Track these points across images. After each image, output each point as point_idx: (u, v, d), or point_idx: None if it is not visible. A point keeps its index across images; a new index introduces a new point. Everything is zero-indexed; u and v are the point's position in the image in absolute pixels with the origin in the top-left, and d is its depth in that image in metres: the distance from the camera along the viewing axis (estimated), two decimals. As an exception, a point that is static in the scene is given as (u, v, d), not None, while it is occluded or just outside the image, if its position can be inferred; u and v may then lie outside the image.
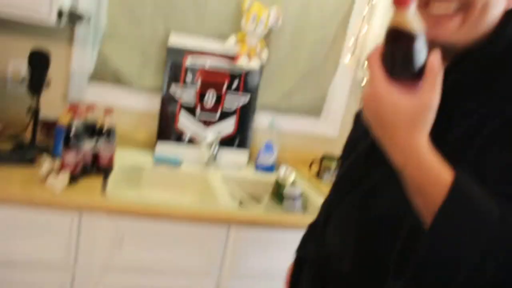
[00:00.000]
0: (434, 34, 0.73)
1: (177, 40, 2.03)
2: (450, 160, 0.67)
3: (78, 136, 1.58)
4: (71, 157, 1.56)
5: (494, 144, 0.69)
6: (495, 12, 0.75)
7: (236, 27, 2.09)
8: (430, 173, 0.65)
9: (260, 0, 2.07)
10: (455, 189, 0.63)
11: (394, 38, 0.65)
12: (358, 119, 1.00)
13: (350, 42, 2.24)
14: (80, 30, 1.98)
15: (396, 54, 0.66)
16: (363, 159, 0.88)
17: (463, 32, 0.74)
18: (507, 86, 0.73)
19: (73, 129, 1.57)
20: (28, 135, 1.84)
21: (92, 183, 1.63)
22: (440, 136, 0.70)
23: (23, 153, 1.72)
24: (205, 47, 2.06)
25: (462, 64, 0.76)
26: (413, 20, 0.64)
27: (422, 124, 0.66)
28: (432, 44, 0.68)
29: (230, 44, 2.07)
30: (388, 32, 0.66)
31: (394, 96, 0.66)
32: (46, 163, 1.58)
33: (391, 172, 0.70)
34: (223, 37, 2.09)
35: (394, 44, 0.66)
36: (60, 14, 1.68)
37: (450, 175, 0.64)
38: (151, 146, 2.09)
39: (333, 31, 2.21)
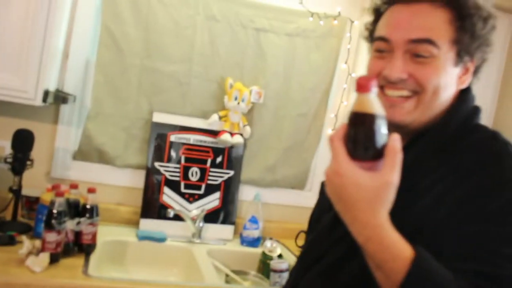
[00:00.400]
0: (391, 115, 0.77)
1: (161, 118, 2.07)
2: (415, 231, 0.71)
3: (60, 215, 1.56)
4: (52, 237, 1.53)
5: (454, 216, 0.73)
6: (448, 93, 0.83)
7: (219, 105, 2.15)
8: (391, 250, 0.68)
9: (241, 79, 2.14)
10: (416, 265, 0.66)
11: (356, 120, 0.69)
12: (323, 190, 1.02)
13: (331, 115, 2.31)
14: (65, 109, 2.01)
15: (358, 135, 0.69)
16: (327, 232, 0.90)
17: (417, 113, 0.82)
18: (463, 161, 0.78)
19: (55, 208, 1.55)
20: (9, 213, 1.82)
21: (74, 262, 1.59)
22: (406, 209, 0.75)
23: (4, 233, 1.68)
24: (188, 124, 2.10)
25: (420, 142, 0.83)
26: (375, 103, 0.68)
27: (384, 202, 0.69)
28: (389, 124, 0.71)
29: (214, 121, 2.11)
30: (351, 115, 0.70)
31: (357, 175, 0.68)
32: (26, 243, 1.54)
33: (354, 246, 0.72)
34: (206, 115, 2.14)
35: (357, 126, 0.69)
36: (46, 94, 1.71)
37: (410, 251, 0.67)
38: (136, 222, 2.07)
39: (315, 106, 2.28)
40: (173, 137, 2.08)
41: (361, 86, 0.68)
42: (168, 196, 2.08)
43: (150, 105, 2.08)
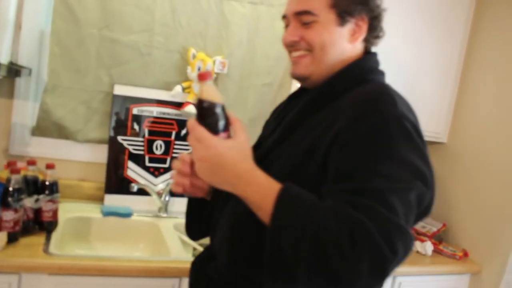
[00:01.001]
0: (294, 70, 1.05)
1: (122, 90, 2.01)
2: (304, 164, 0.91)
3: (17, 192, 1.50)
4: (9, 215, 1.48)
5: (334, 146, 0.87)
6: (339, 49, 1.02)
7: (182, 77, 2.10)
8: (264, 187, 0.85)
9: (204, 49, 2.09)
10: (282, 194, 0.81)
11: (204, 105, 0.89)
12: None
13: (296, 85, 2.28)
14: (20, 82, 1.93)
15: (210, 116, 0.89)
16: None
17: (313, 67, 1.02)
18: (342, 101, 0.94)
19: (11, 185, 1.49)
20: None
21: (34, 241, 1.55)
22: (296, 144, 0.96)
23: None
24: (151, 96, 2.05)
25: (312, 90, 1.04)
26: (211, 90, 0.90)
27: (248, 153, 0.90)
28: (295, 77, 1.07)
29: (177, 92, 2.06)
30: (199, 102, 0.90)
31: (223, 143, 0.88)
32: (-19, 223, 1.49)
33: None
34: (169, 87, 2.08)
35: (206, 110, 0.89)
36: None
37: (279, 186, 0.83)
38: (100, 198, 2.02)
39: (280, 75, 2.25)
40: (135, 110, 2.02)
41: (201, 76, 0.90)
42: (133, 171, 2.03)
43: (110, 77, 2.01)
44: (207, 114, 0.89)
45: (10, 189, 1.49)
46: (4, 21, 1.66)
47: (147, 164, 2.06)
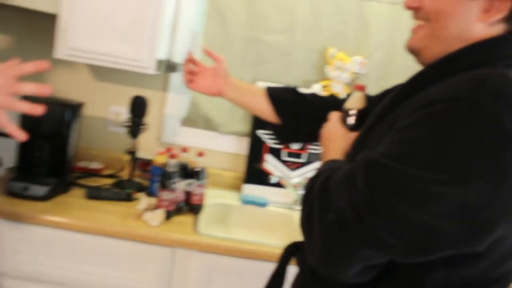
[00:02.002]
0: (407, 42, 0.93)
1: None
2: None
3: (174, 176, 1.67)
4: (166, 195, 1.66)
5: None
6: (460, 26, 0.83)
7: (321, 76, 2.16)
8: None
9: (343, 49, 2.13)
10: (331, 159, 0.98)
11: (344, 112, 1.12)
12: None
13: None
14: (174, 77, 2.13)
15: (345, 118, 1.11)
16: None
17: (426, 40, 0.88)
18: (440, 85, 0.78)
19: (170, 169, 1.67)
20: (126, 173, 1.98)
21: (185, 220, 1.72)
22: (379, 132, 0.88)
23: (122, 190, 1.85)
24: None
25: (420, 72, 0.89)
26: (360, 100, 1.11)
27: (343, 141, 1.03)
28: (409, 52, 0.93)
29: (315, 91, 2.13)
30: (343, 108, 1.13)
31: (341, 129, 1.08)
32: (143, 200, 1.68)
33: None
34: (307, 85, 2.16)
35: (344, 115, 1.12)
36: (158, 63, 1.83)
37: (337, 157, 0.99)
38: (239, 187, 2.16)
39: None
40: (275, 106, 2.13)
41: (357, 87, 1.12)
42: (270, 163, 2.14)
43: (253, 75, 2.15)
44: (344, 117, 1.11)
45: (168, 172, 1.67)
46: (165, 22, 1.85)
47: (284, 158, 2.15)
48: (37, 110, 0.98)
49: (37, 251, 1.59)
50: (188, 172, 1.83)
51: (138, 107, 1.88)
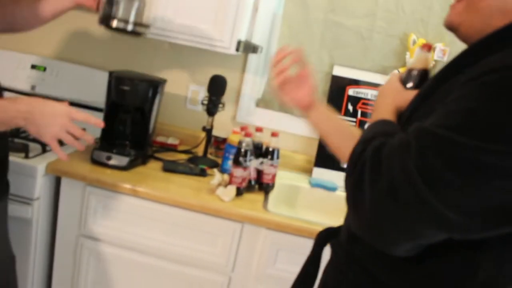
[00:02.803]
0: (445, 17, 0.92)
1: (340, 71, 2.11)
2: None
3: (247, 153, 1.72)
4: (239, 172, 1.70)
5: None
6: (498, 3, 0.81)
7: (400, 62, 2.11)
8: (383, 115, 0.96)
9: (425, 36, 2.07)
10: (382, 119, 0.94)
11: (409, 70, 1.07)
12: None
13: None
14: (252, 59, 2.17)
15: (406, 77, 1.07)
16: None
17: (465, 15, 0.86)
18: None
19: (243, 147, 1.71)
20: (201, 150, 2.06)
21: (255, 197, 1.76)
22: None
23: (196, 165, 1.92)
24: (367, 79, 2.11)
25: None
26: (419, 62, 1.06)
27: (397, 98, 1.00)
28: (447, 28, 0.93)
29: (393, 76, 2.09)
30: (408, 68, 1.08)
31: (398, 85, 1.04)
32: (216, 176, 1.74)
33: None
34: (385, 71, 2.12)
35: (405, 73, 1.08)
36: (238, 44, 1.86)
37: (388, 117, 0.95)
38: (309, 171, 2.17)
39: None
40: (351, 91, 2.11)
41: (425, 46, 1.06)
42: (342, 148, 2.13)
43: (331, 58, 2.14)
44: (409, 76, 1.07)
45: (242, 150, 1.72)
46: (246, 4, 1.88)
47: (356, 144, 2.13)
48: (89, 139, 1.34)
49: (115, 217, 1.71)
50: (261, 151, 1.86)
51: (216, 86, 1.94)
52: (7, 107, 1.17)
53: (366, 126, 0.97)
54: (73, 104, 2.11)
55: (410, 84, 1.04)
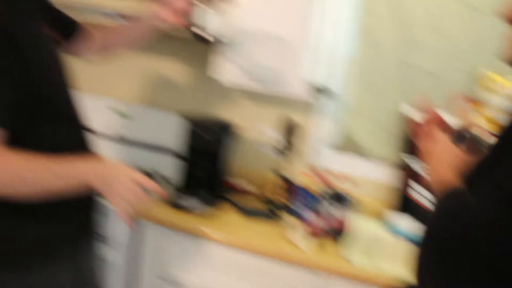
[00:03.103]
0: (506, 53, 0.86)
1: (414, 111, 2.05)
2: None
3: (320, 200, 1.69)
4: (313, 218, 1.68)
5: None
6: None
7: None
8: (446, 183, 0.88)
9: (502, 72, 1.98)
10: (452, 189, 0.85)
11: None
12: None
13: None
14: (324, 102, 2.16)
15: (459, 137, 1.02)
16: None
17: None
18: None
19: (317, 193, 1.69)
20: (273, 193, 2.05)
21: (331, 246, 1.72)
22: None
23: (269, 209, 1.92)
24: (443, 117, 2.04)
25: None
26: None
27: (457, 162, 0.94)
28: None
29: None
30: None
31: (455, 149, 0.99)
32: (290, 222, 1.72)
33: None
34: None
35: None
36: (313, 89, 1.87)
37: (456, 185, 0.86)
38: (387, 216, 2.10)
39: None
40: (427, 133, 2.04)
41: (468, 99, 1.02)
42: (419, 193, 2.05)
43: (406, 99, 2.09)
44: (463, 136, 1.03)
45: (316, 196, 1.69)
46: (320, 49, 1.88)
47: (435, 188, 2.05)
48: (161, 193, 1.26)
49: (193, 261, 1.72)
50: (336, 197, 1.83)
51: (289, 129, 1.94)
52: (80, 167, 1.19)
53: (433, 194, 0.92)
54: (150, 147, 2.20)
55: (463, 144, 1.00)
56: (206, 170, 1.92)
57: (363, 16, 2.07)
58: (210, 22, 1.60)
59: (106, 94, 2.36)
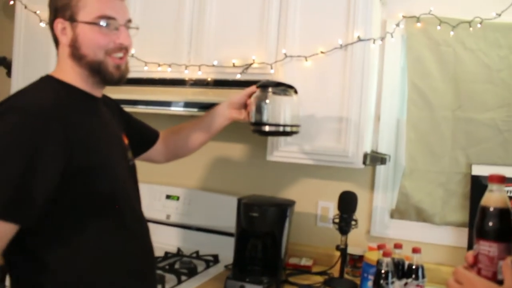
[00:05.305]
0: None
1: (481, 170, 1.92)
2: None
3: (388, 275, 1.56)
4: (382, 296, 1.54)
5: None
6: None
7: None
8: None
9: None
10: None
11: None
12: None
13: None
14: (380, 169, 2.07)
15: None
16: None
17: None
18: None
19: (383, 268, 1.57)
20: (337, 270, 1.93)
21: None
22: None
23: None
24: (513, 175, 1.89)
25: None
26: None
27: None
28: None
29: (545, 169, 1.85)
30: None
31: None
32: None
33: None
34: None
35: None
36: (365, 156, 1.80)
37: None
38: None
39: None
40: (497, 191, 1.89)
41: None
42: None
43: (467, 157, 1.96)
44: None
45: (382, 271, 1.57)
46: (368, 115, 1.83)
47: None
48: None
49: None
50: (403, 271, 1.69)
51: (347, 202, 1.85)
52: None
53: None
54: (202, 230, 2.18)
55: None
56: (263, 252, 1.86)
57: (412, 77, 2.01)
58: (271, 113, 1.62)
59: (160, 182, 2.39)
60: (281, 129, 1.64)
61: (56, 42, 1.27)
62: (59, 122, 1.11)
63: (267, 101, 1.61)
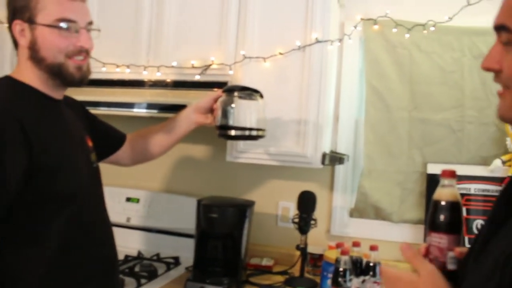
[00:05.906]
0: (499, 111, 0.78)
1: (435, 169, 1.97)
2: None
3: (345, 274, 1.59)
4: (341, 294, 1.57)
5: None
6: None
7: (501, 150, 1.94)
8: None
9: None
10: None
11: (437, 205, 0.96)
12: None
13: None
14: (339, 169, 2.10)
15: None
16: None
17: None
18: None
19: (341, 266, 1.59)
20: (297, 269, 1.95)
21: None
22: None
23: (293, 287, 1.81)
24: (467, 173, 1.95)
25: None
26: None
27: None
28: (504, 121, 0.83)
29: (496, 167, 1.91)
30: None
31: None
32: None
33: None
34: (486, 161, 1.95)
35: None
36: (323, 157, 1.82)
37: None
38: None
39: None
40: (451, 189, 1.95)
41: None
42: (452, 253, 1.93)
43: (423, 157, 2.02)
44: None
45: (341, 269, 1.59)
46: (326, 116, 1.86)
47: (467, 245, 1.92)
48: None
49: None
50: (361, 268, 1.72)
51: (306, 202, 1.87)
52: None
53: None
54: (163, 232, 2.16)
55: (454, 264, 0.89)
56: (223, 252, 1.86)
57: (370, 79, 2.05)
58: (237, 118, 1.62)
59: (121, 184, 2.36)
60: (247, 133, 1.64)
61: (15, 43, 1.24)
62: (17, 122, 1.09)
63: (233, 105, 1.61)
